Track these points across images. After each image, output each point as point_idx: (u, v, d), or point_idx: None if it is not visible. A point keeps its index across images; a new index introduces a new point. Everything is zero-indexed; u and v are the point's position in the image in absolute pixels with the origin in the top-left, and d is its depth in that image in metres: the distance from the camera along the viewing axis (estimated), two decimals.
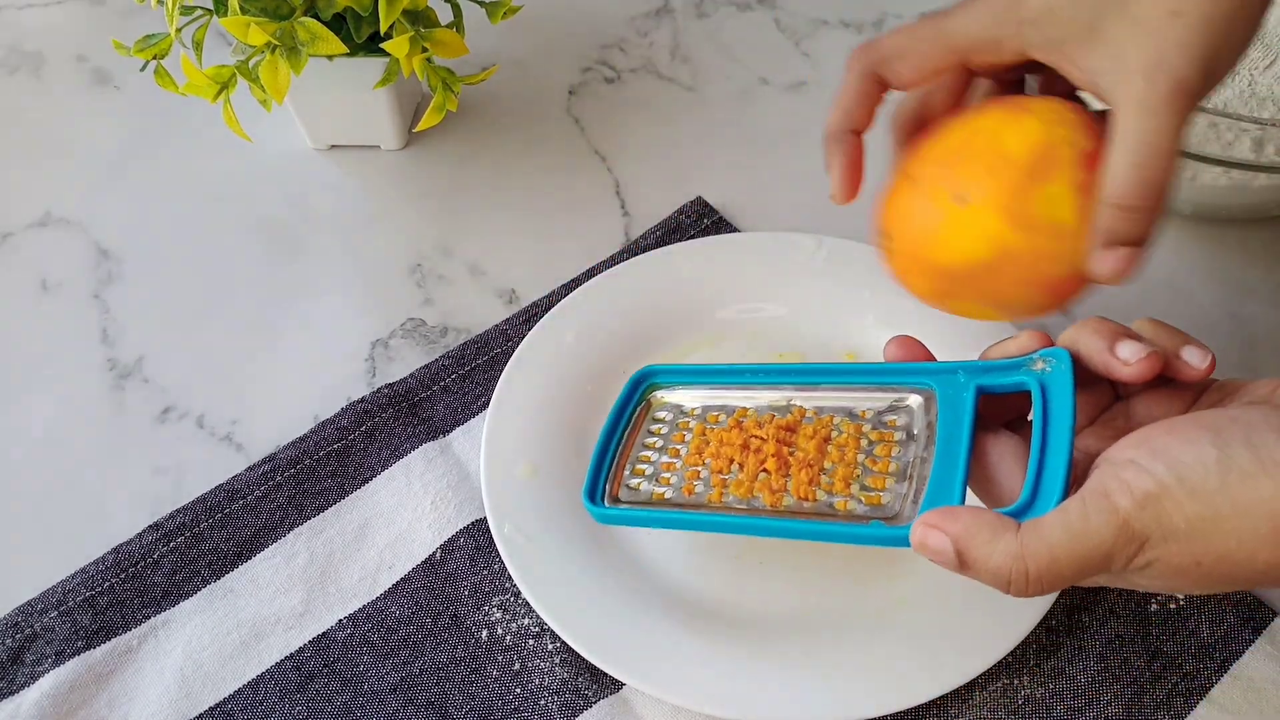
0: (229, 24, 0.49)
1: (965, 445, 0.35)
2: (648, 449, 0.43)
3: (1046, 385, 0.35)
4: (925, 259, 0.39)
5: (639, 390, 0.45)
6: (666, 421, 0.44)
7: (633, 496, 0.42)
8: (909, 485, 0.36)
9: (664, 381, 0.45)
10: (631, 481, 0.42)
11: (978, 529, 0.31)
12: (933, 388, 0.38)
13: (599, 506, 0.41)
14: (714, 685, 0.40)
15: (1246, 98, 0.52)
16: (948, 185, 0.38)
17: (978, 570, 0.31)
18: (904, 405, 0.39)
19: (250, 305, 0.55)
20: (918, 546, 0.33)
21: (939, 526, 0.32)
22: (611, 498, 0.42)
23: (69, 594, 0.44)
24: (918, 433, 0.38)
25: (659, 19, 0.70)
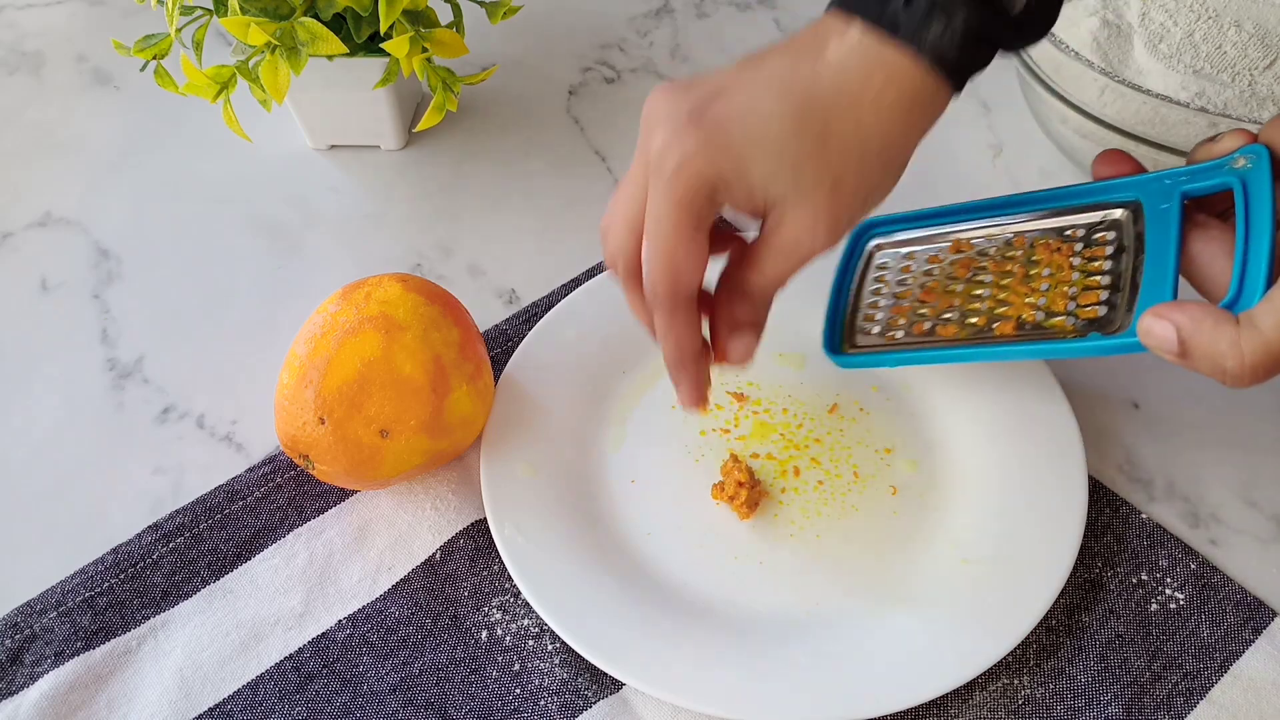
0: (229, 24, 0.49)
1: (1173, 248, 0.37)
2: (876, 296, 0.46)
3: (1247, 181, 0.36)
4: (360, 479, 0.43)
5: (860, 242, 0.48)
6: (890, 267, 0.46)
7: (868, 342, 0.44)
8: (1123, 295, 0.39)
9: (882, 232, 0.47)
10: (866, 327, 0.45)
11: (1202, 317, 0.33)
12: (1139, 199, 0.40)
13: (840, 355, 0.45)
14: (714, 685, 0.40)
15: (1246, 98, 0.52)
16: (366, 423, 0.41)
17: (1197, 358, 0.34)
18: (1112, 219, 0.41)
19: (250, 305, 0.55)
20: (1143, 334, 0.35)
21: (1165, 316, 0.34)
22: (851, 345, 0.45)
23: (68, 594, 0.44)
24: (1128, 244, 0.40)
25: (659, 19, 0.70)
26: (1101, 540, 0.45)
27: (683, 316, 0.38)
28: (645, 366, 0.51)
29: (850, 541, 0.45)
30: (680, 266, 0.36)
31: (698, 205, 0.35)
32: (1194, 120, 0.49)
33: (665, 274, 0.36)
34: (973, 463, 0.46)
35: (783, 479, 0.47)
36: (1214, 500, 0.47)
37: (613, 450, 0.48)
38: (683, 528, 0.46)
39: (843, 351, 0.45)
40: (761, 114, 0.34)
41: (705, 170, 0.35)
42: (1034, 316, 0.41)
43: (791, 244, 0.36)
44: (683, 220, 0.35)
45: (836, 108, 0.34)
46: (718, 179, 0.35)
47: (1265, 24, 0.54)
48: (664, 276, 0.36)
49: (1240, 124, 0.48)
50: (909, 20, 0.34)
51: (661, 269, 0.36)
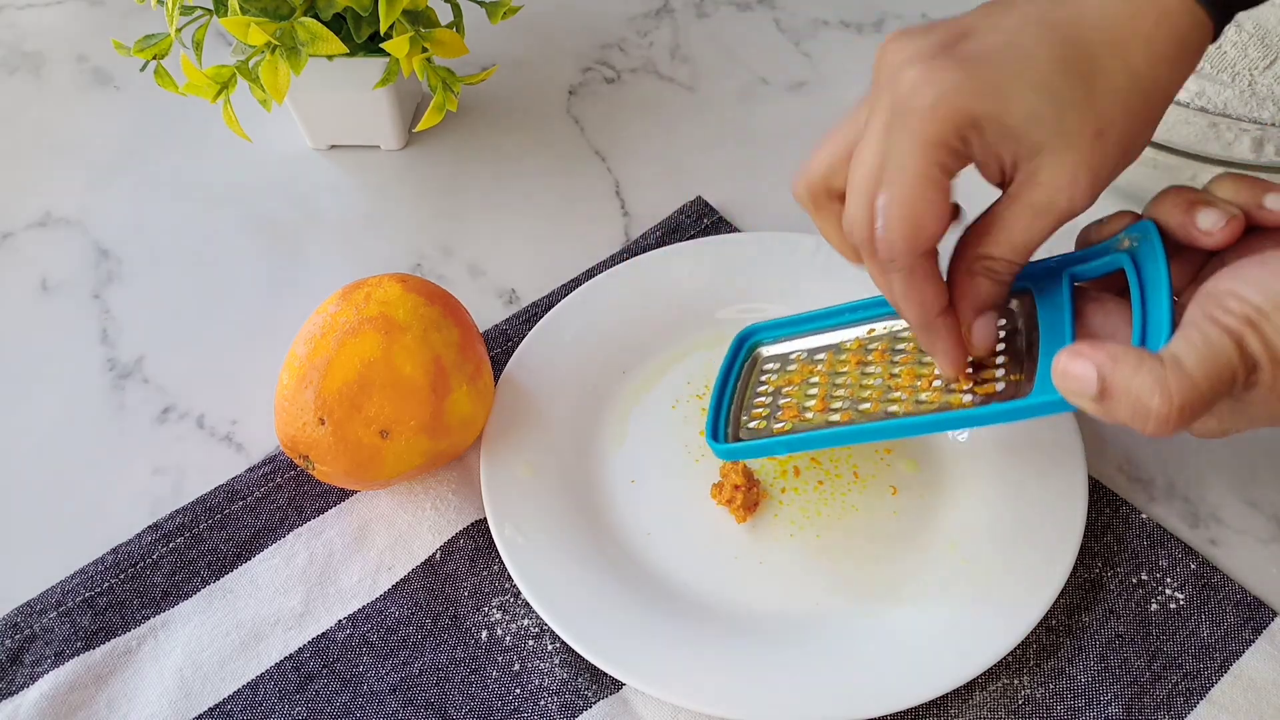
0: (229, 24, 0.49)
1: (1068, 325, 0.36)
2: (761, 395, 0.45)
3: (1137, 258, 0.36)
4: (360, 480, 0.43)
5: (744, 348, 0.47)
6: (772, 370, 0.45)
7: (753, 436, 0.43)
8: (1020, 372, 0.38)
9: (766, 338, 0.47)
10: (750, 424, 0.44)
11: (1123, 356, 0.30)
12: (1027, 288, 0.39)
13: (721, 444, 0.43)
14: (714, 685, 0.40)
15: (1246, 98, 0.52)
16: (365, 423, 0.41)
17: (1117, 398, 0.30)
18: (1005, 308, 0.40)
19: (250, 305, 0.55)
20: (1059, 376, 0.32)
21: (1083, 354, 0.31)
22: (733, 438, 0.43)
23: (68, 594, 0.44)
24: (1020, 328, 0.39)
25: (659, 19, 0.70)
26: (1101, 540, 0.45)
27: (925, 274, 0.35)
28: (645, 366, 0.51)
29: (850, 541, 0.45)
30: (925, 219, 0.33)
31: (950, 147, 0.32)
32: (1194, 120, 0.49)
33: (909, 227, 0.33)
34: (973, 463, 0.46)
35: (782, 479, 0.47)
36: (1214, 500, 0.47)
37: (613, 450, 0.48)
38: (683, 528, 0.46)
39: (725, 442, 0.43)
40: (1024, 50, 0.31)
41: (963, 107, 0.31)
42: (933, 398, 0.39)
43: (1049, 199, 0.33)
44: (932, 164, 0.32)
45: (1105, 47, 0.31)
46: (975, 118, 0.32)
47: (1265, 24, 0.54)
48: (908, 230, 0.33)
49: (1240, 123, 0.48)
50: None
51: (905, 221, 0.33)
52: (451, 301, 0.46)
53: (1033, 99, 0.31)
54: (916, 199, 0.32)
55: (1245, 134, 0.49)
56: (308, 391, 0.41)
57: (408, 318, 0.43)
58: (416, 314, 0.43)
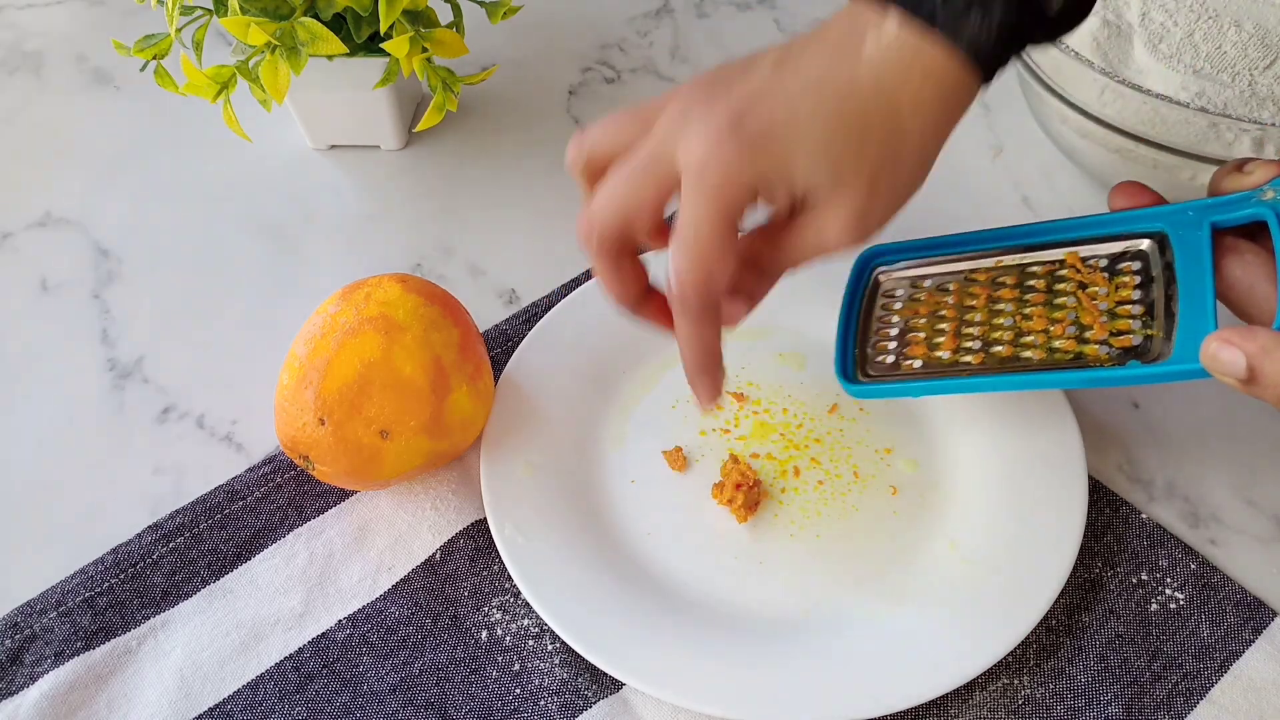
0: (229, 24, 0.49)
1: (1209, 275, 0.36)
2: (887, 326, 0.44)
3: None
4: (360, 480, 0.44)
5: (866, 271, 0.46)
6: (899, 296, 0.44)
7: (882, 370, 0.42)
8: (1158, 323, 0.37)
9: (889, 261, 0.45)
10: (878, 359, 0.43)
11: (1273, 346, 0.33)
12: (1164, 229, 0.39)
13: (854, 383, 0.42)
14: (714, 685, 0.40)
15: (1246, 98, 0.52)
16: (365, 424, 0.41)
17: (1265, 383, 0.33)
18: (1137, 250, 0.40)
19: (250, 305, 0.55)
20: (1208, 361, 0.34)
21: (1233, 342, 0.33)
22: (864, 375, 0.43)
23: (68, 594, 0.44)
24: (1156, 273, 0.38)
25: (659, 19, 0.70)
26: (1101, 540, 0.45)
27: (710, 320, 0.38)
28: (645, 366, 0.51)
29: (850, 541, 0.45)
30: (716, 274, 0.36)
31: (737, 213, 0.35)
32: (1194, 120, 0.49)
33: (702, 281, 0.36)
34: (973, 463, 0.46)
35: (783, 479, 0.47)
36: (1214, 500, 0.47)
37: (613, 450, 0.48)
38: (683, 527, 0.46)
39: (857, 380, 0.43)
40: (802, 119, 0.34)
41: (749, 181, 0.35)
42: (1067, 346, 0.39)
43: (819, 237, 0.36)
44: (725, 230, 0.35)
45: (875, 108, 0.34)
46: (759, 183, 0.35)
47: (1265, 24, 0.54)
48: (700, 283, 0.36)
49: (1240, 123, 0.48)
50: (947, 12, 0.34)
51: (698, 276, 0.36)
52: (451, 302, 0.46)
53: (810, 160, 0.35)
54: (712, 258, 0.35)
55: (1245, 134, 0.49)
56: (308, 392, 0.41)
57: (408, 318, 0.43)
58: (416, 314, 0.43)
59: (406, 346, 0.42)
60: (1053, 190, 0.59)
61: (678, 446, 0.48)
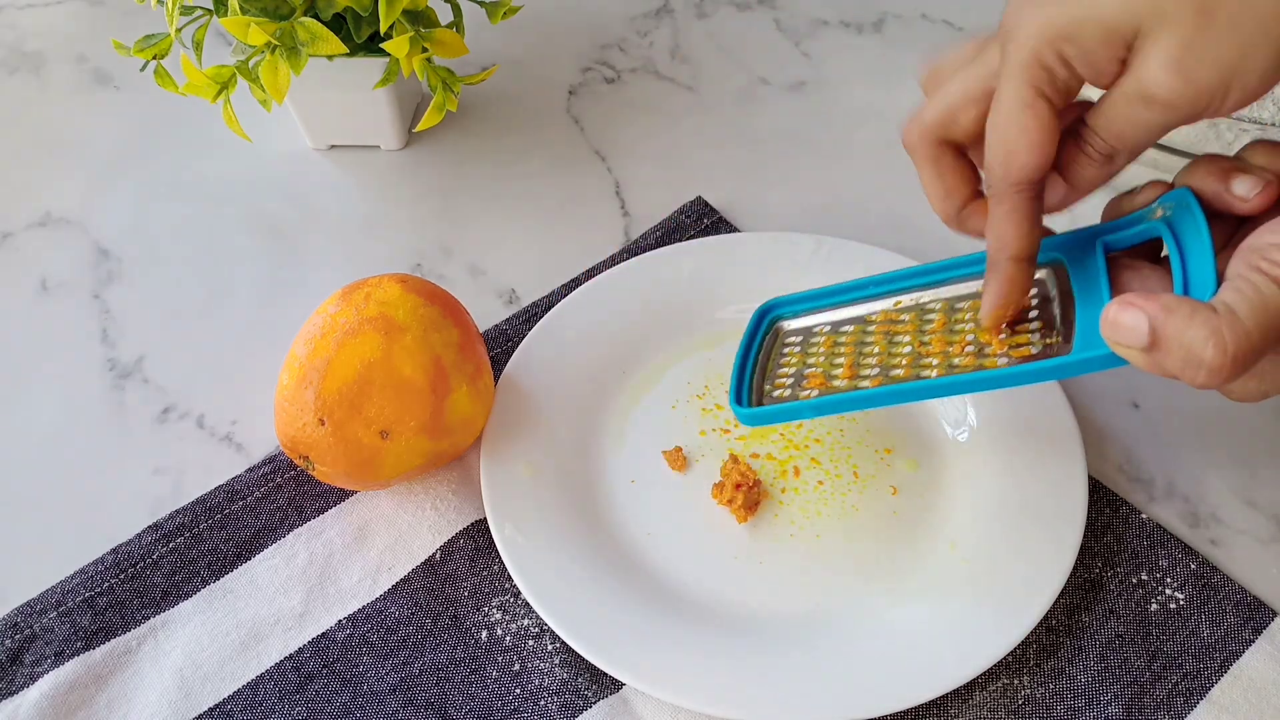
0: (229, 24, 0.49)
1: (1105, 290, 0.36)
2: (785, 366, 0.44)
3: (1174, 225, 0.35)
4: (360, 480, 0.44)
5: (764, 321, 0.46)
6: (796, 342, 0.44)
7: (778, 403, 0.42)
8: (1056, 335, 0.37)
9: (786, 313, 0.46)
10: (775, 393, 0.43)
11: (1176, 305, 0.30)
12: (1059, 258, 0.38)
13: (746, 408, 0.42)
14: (714, 685, 0.40)
15: None
16: (365, 424, 0.41)
17: (1169, 349, 0.30)
18: (1035, 278, 0.39)
19: (250, 305, 0.55)
20: (1109, 327, 0.32)
21: (1134, 304, 0.31)
22: (757, 405, 0.42)
23: (68, 594, 0.44)
24: (1054, 294, 0.38)
25: (659, 19, 0.70)
26: (1101, 540, 0.45)
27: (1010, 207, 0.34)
28: (645, 366, 0.51)
29: (850, 541, 0.45)
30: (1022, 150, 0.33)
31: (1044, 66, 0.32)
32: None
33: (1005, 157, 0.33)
34: (973, 463, 0.46)
35: (783, 479, 0.47)
36: (1214, 500, 0.47)
37: (613, 450, 0.48)
38: (683, 528, 0.46)
39: (749, 406, 0.42)
40: None
41: (1052, 21, 0.32)
42: (966, 363, 0.38)
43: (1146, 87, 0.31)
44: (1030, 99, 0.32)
45: None
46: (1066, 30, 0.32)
47: None
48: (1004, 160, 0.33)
49: (1239, 123, 0.48)
50: None
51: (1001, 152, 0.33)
52: (451, 302, 0.46)
53: None
54: (1010, 124, 0.33)
55: (1245, 134, 0.49)
56: (308, 392, 0.41)
57: (407, 318, 0.43)
58: (416, 314, 0.43)
59: (406, 346, 0.42)
60: None
61: (678, 446, 0.48)
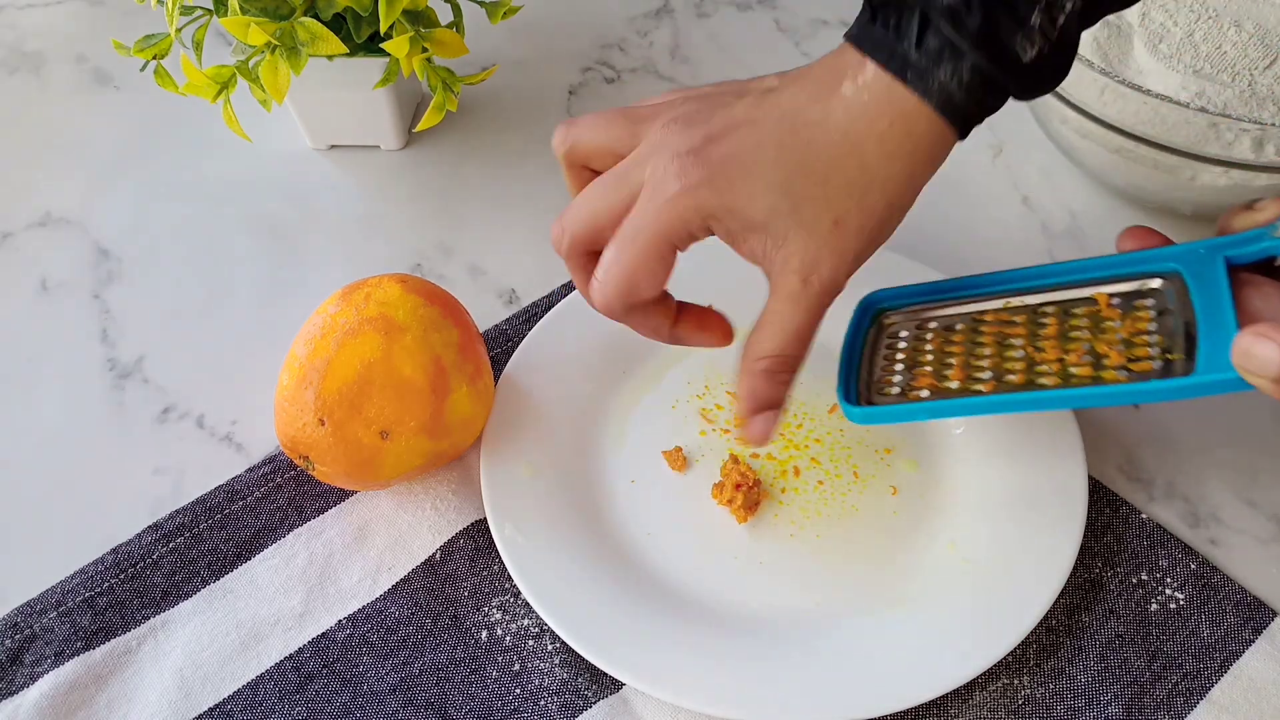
0: (229, 24, 0.49)
1: (1228, 306, 0.35)
2: (890, 360, 0.42)
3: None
4: (360, 480, 0.44)
5: (867, 315, 0.44)
6: (904, 336, 0.43)
7: (888, 400, 0.41)
8: (1178, 350, 0.36)
9: (893, 305, 0.44)
10: (886, 390, 0.41)
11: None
12: (1178, 269, 0.38)
13: (857, 406, 0.41)
14: (714, 685, 0.40)
15: (1246, 98, 0.52)
16: (365, 424, 0.41)
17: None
18: (1150, 288, 0.39)
19: (250, 305, 0.55)
20: (1241, 355, 0.33)
21: (1269, 336, 0.32)
22: (867, 402, 0.41)
23: (68, 594, 0.44)
24: (1173, 307, 0.38)
25: (659, 19, 0.70)
26: (1101, 540, 0.45)
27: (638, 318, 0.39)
28: (645, 367, 0.51)
29: (850, 541, 0.45)
30: (639, 287, 0.37)
31: (681, 235, 0.36)
32: (1194, 120, 0.49)
33: (623, 289, 0.37)
34: (973, 463, 0.46)
35: (783, 479, 0.47)
36: (1214, 500, 0.47)
37: (613, 450, 0.48)
38: (683, 528, 0.46)
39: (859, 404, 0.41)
40: (766, 151, 0.35)
41: (706, 201, 0.35)
42: (1083, 373, 0.37)
43: (801, 281, 0.36)
44: (662, 246, 0.36)
45: (842, 148, 0.35)
46: (718, 208, 0.35)
47: (1265, 24, 0.54)
48: (619, 289, 0.37)
49: (1240, 123, 0.48)
50: (918, 63, 0.34)
51: (621, 284, 0.37)
52: (451, 302, 0.46)
53: (771, 197, 0.35)
54: (636, 269, 0.36)
55: (1245, 134, 0.49)
56: (308, 392, 0.41)
57: (407, 318, 0.43)
58: (416, 315, 0.43)
59: (406, 347, 0.42)
60: (1053, 190, 0.59)
61: (678, 446, 0.48)
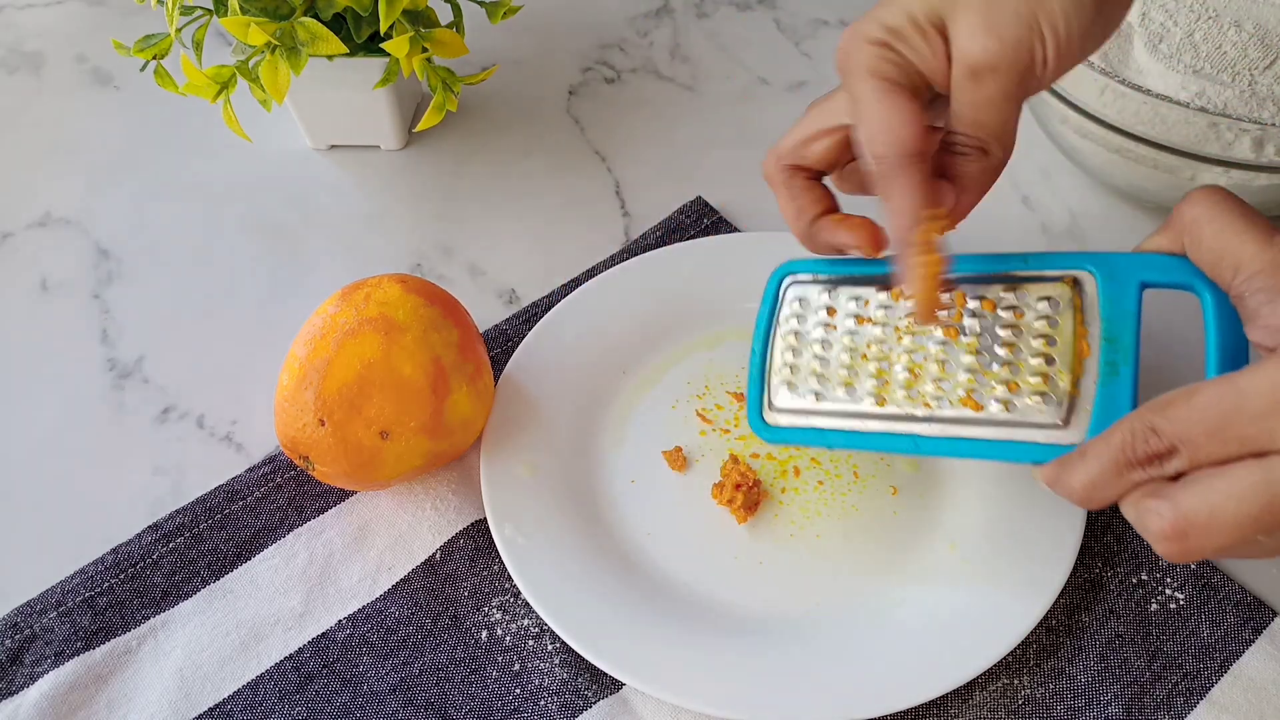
0: (229, 24, 0.49)
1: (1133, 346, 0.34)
2: (793, 355, 0.42)
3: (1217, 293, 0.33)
4: (360, 480, 0.43)
5: (779, 289, 0.44)
6: (814, 324, 0.42)
7: (792, 404, 0.41)
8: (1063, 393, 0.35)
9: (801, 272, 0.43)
10: (784, 392, 0.42)
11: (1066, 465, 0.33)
12: (1091, 271, 0.36)
13: (766, 427, 0.42)
14: (714, 685, 0.40)
15: (1246, 98, 0.52)
16: (365, 424, 0.41)
17: None
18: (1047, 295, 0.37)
19: (250, 305, 0.55)
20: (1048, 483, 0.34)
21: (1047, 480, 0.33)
22: (770, 407, 0.42)
23: (68, 594, 0.44)
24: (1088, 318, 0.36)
25: (659, 19, 0.70)
26: (1101, 540, 0.45)
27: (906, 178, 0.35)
28: (645, 366, 0.51)
29: (850, 541, 0.45)
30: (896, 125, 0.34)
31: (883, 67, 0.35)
32: (1194, 120, 0.49)
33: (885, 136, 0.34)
34: (973, 463, 0.46)
35: (782, 479, 0.47)
36: None
37: (613, 450, 0.48)
38: (683, 528, 0.46)
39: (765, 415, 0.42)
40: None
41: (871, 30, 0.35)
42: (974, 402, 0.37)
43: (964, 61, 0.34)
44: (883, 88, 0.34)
45: None
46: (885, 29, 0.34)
47: (1265, 24, 0.54)
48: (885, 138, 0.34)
49: (1240, 123, 0.48)
50: None
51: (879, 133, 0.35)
52: (451, 302, 0.46)
53: None
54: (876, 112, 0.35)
55: (1245, 134, 0.49)
56: (307, 392, 0.41)
57: (407, 318, 0.43)
58: (416, 315, 0.43)
59: (406, 347, 0.42)
60: (1053, 190, 0.59)
61: (678, 446, 0.48)
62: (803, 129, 0.39)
